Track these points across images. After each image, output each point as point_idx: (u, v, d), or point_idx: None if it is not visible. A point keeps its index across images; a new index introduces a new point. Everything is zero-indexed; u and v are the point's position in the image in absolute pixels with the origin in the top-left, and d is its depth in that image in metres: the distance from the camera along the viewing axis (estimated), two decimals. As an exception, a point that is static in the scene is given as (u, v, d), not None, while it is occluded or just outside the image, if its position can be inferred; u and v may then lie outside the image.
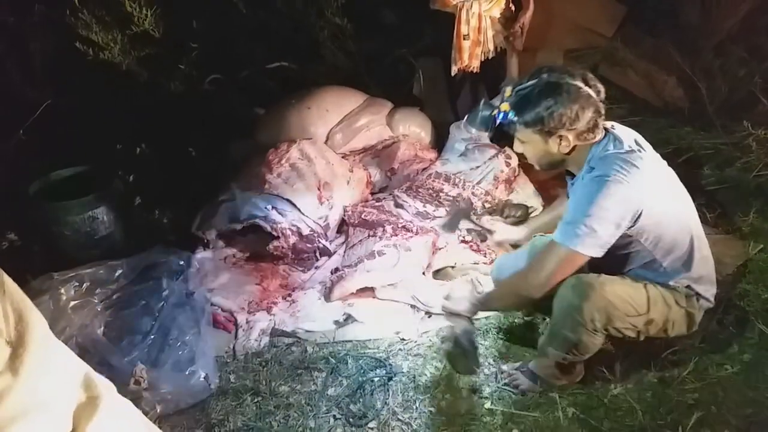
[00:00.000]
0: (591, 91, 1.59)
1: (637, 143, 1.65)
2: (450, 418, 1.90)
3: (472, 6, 3.08)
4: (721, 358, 1.99)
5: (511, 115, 1.67)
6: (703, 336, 2.00)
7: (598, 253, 1.58)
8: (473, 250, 2.74)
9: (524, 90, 1.64)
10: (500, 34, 3.21)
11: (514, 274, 1.85)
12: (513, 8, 3.20)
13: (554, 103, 1.57)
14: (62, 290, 2.19)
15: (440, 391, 2.01)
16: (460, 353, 1.84)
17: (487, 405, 1.94)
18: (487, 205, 2.99)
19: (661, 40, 3.74)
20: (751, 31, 3.55)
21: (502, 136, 1.98)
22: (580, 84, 1.58)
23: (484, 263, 2.62)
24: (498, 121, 1.72)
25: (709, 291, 1.78)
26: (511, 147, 1.83)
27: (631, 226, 1.59)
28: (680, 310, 1.74)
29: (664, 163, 1.75)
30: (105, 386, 0.73)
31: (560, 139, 1.63)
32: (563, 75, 1.59)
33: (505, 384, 2.00)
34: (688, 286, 1.73)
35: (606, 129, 1.66)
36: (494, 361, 2.12)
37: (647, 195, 1.58)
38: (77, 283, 2.26)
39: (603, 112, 1.62)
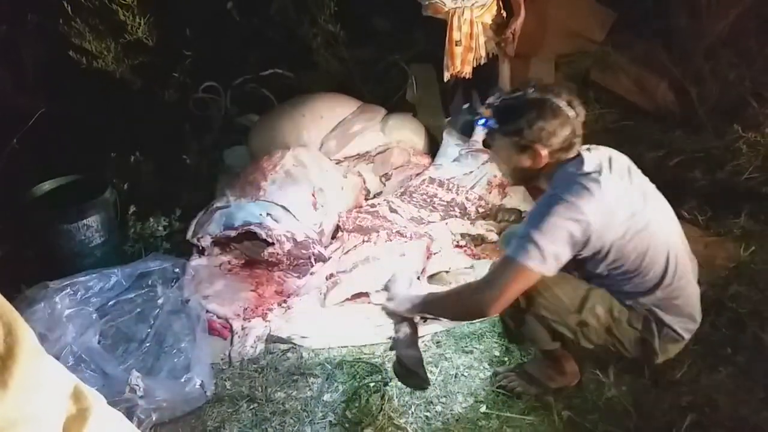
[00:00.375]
0: (571, 113, 1.62)
1: (609, 165, 1.62)
2: (446, 423, 1.91)
3: (464, 13, 3.10)
4: (715, 361, 2.00)
5: (491, 122, 1.71)
6: (697, 338, 2.00)
7: (549, 270, 1.56)
8: (468, 254, 2.75)
9: (509, 100, 1.69)
10: (492, 40, 3.24)
11: (467, 284, 1.87)
12: (504, 15, 3.23)
13: (536, 117, 1.61)
14: (57, 299, 2.18)
15: (436, 396, 2.01)
16: (405, 373, 1.80)
17: (483, 409, 1.95)
18: (481, 210, 3.01)
19: (651, 44, 3.76)
20: (740, 34, 3.56)
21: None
22: (563, 104, 1.62)
23: (479, 268, 2.63)
24: (478, 126, 1.76)
25: (680, 323, 1.70)
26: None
27: (583, 248, 1.58)
28: (633, 332, 1.71)
29: (651, 188, 1.70)
30: (95, 398, 0.74)
31: (534, 154, 1.65)
32: (548, 93, 1.63)
33: (500, 386, 2.00)
34: (649, 310, 1.69)
35: (579, 152, 1.68)
36: (489, 365, 2.13)
37: (599, 219, 1.54)
38: (72, 292, 2.25)
39: (579, 133, 1.65)
